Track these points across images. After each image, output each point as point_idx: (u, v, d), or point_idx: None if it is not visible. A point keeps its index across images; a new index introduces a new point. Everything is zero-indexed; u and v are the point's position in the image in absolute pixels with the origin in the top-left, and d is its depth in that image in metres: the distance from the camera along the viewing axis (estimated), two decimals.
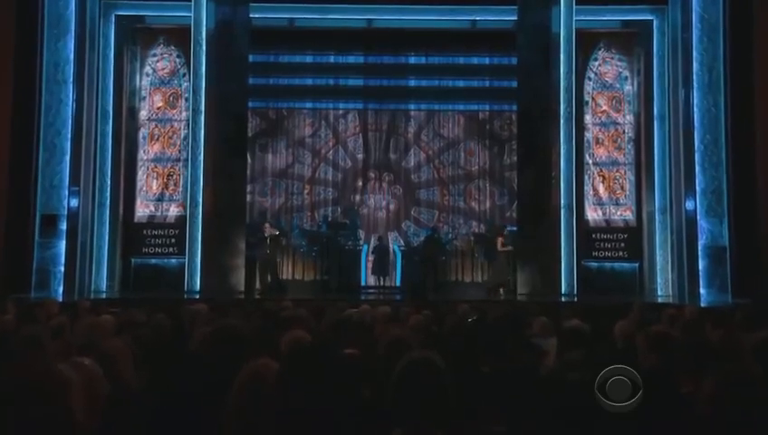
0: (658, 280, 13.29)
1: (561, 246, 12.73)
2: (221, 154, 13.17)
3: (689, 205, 12.39)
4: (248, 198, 15.90)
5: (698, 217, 12.15)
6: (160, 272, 13.47)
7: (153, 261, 13.58)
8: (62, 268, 12.03)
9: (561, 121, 12.95)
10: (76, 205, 12.35)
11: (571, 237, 12.81)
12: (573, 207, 12.92)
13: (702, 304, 10.87)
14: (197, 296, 11.76)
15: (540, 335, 5.02)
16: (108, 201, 13.17)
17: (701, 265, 12.07)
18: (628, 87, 14.11)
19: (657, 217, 13.36)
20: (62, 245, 12.09)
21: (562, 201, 12.87)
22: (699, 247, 12.11)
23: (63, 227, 12.12)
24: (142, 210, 13.77)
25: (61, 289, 11.90)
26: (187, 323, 5.43)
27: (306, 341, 3.65)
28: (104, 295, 12.37)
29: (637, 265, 13.67)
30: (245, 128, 13.73)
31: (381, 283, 13.59)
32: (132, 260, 13.56)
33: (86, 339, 4.09)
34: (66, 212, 12.16)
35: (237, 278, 12.91)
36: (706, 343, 3.60)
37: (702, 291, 11.94)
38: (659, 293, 13.10)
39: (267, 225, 13.26)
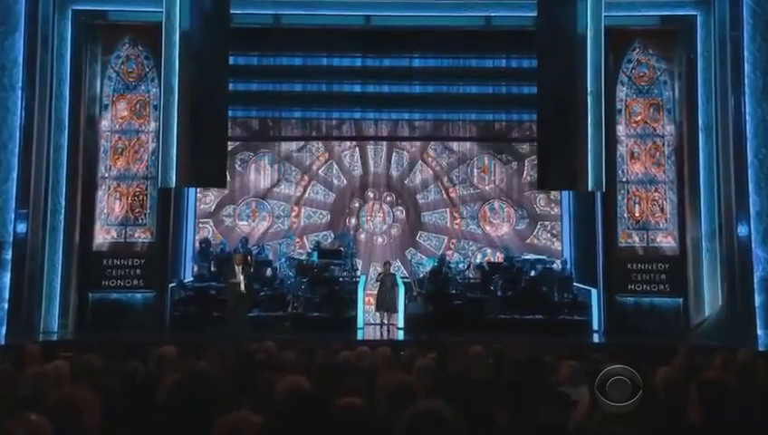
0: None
1: (587, 137, 12.65)
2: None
3: (742, 230, 12.38)
4: (227, 221, 15.98)
5: (753, 245, 12.14)
6: (123, 309, 13.43)
7: (115, 296, 13.53)
8: (6, 305, 11.98)
9: None
10: (24, 230, 12.34)
11: (599, 130, 12.73)
12: (602, 93, 12.83)
13: (759, 348, 10.82)
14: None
15: (568, 383, 4.99)
16: (62, 226, 13.15)
17: (757, 300, 12.03)
18: (668, 93, 14.19)
19: (703, 244, 13.34)
20: (7, 277, 12.06)
21: (589, 87, 12.76)
22: (755, 280, 12.08)
23: (9, 255, 12.10)
24: (102, 236, 13.77)
25: (4, 330, 11.85)
26: (154, 369, 5.40)
27: (305, 388, 3.66)
28: (56, 337, 12.31)
29: (680, 300, 13.62)
30: (225, 140, 13.77)
31: (387, 320, 13.57)
32: (90, 295, 13.52)
33: (34, 390, 4.06)
34: (12, 239, 12.15)
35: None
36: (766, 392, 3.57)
37: (759, 332, 11.89)
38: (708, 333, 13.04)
39: (238, 256, 13.22)
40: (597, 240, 14.05)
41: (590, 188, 12.92)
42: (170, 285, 13.81)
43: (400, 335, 13.21)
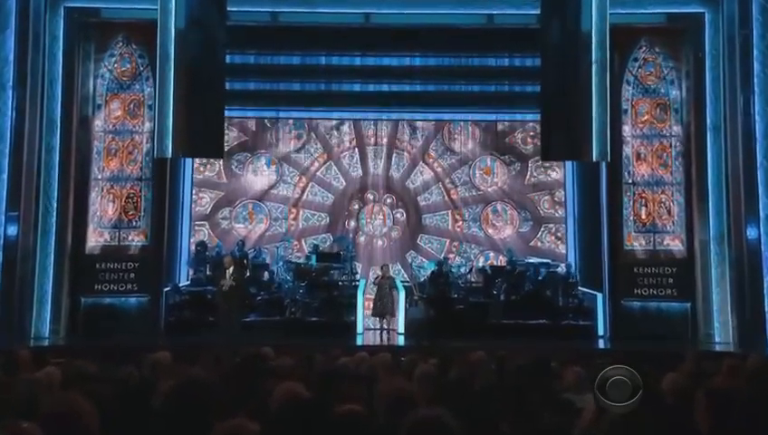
0: (715, 324, 13.21)
1: (592, 108, 12.58)
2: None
3: (751, 232, 12.38)
4: (223, 224, 15.99)
5: (763, 248, 12.13)
6: (117, 313, 13.42)
7: (108, 300, 13.52)
8: None
9: None
10: (14, 233, 12.34)
11: (604, 98, 12.68)
12: (607, 63, 12.77)
13: None
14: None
15: (573, 389, 4.99)
16: (53, 229, 13.15)
17: (767, 304, 12.01)
18: (675, 92, 14.18)
19: (712, 247, 13.33)
20: None
21: (593, 56, 12.72)
22: (765, 284, 12.07)
23: None
24: (95, 239, 13.76)
25: None
26: (149, 375, 5.40)
27: (302, 395, 3.65)
28: (47, 342, 12.31)
29: (688, 305, 13.61)
30: (222, 142, 13.77)
31: (386, 326, 13.56)
32: (82, 299, 13.50)
33: (26, 397, 4.06)
34: (2, 242, 12.14)
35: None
36: None
37: None
38: (717, 339, 13.01)
39: (228, 258, 13.23)
40: (602, 243, 14.04)
41: (594, 158, 12.83)
42: (165, 289, 13.80)
43: (401, 341, 13.22)
